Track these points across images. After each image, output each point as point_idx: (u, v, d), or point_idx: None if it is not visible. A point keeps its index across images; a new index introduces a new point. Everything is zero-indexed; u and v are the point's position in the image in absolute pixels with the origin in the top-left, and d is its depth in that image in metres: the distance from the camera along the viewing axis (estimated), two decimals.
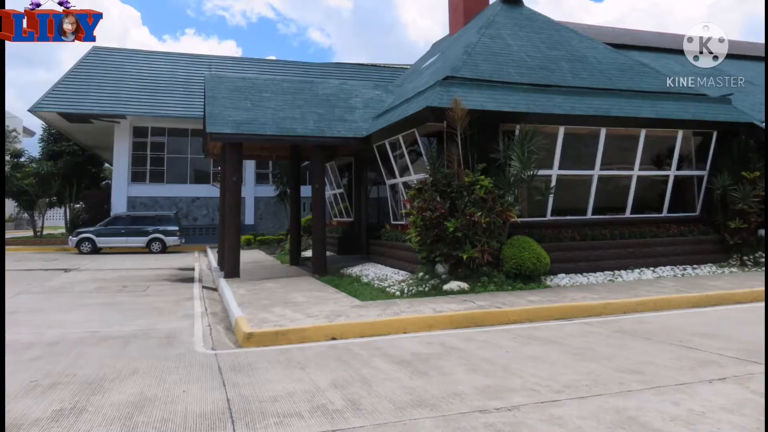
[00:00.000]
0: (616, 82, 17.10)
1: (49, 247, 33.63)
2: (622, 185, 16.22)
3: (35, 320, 10.99)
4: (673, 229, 16.34)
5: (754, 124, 16.84)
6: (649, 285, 13.22)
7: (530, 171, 13.48)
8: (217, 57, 43.39)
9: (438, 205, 12.84)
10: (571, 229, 15.22)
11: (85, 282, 17.16)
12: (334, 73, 42.04)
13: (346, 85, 21.23)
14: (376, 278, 15.13)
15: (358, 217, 22.56)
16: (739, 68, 25.01)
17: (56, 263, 23.78)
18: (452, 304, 10.95)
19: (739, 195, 15.99)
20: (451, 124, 13.10)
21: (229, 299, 12.33)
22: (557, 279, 13.92)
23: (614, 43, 22.92)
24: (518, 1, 20.93)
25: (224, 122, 16.48)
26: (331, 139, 17.16)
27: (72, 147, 39.48)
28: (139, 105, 34.84)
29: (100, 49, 39.35)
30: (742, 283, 13.21)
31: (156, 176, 36.58)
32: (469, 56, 16.31)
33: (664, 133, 16.32)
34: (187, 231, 34.83)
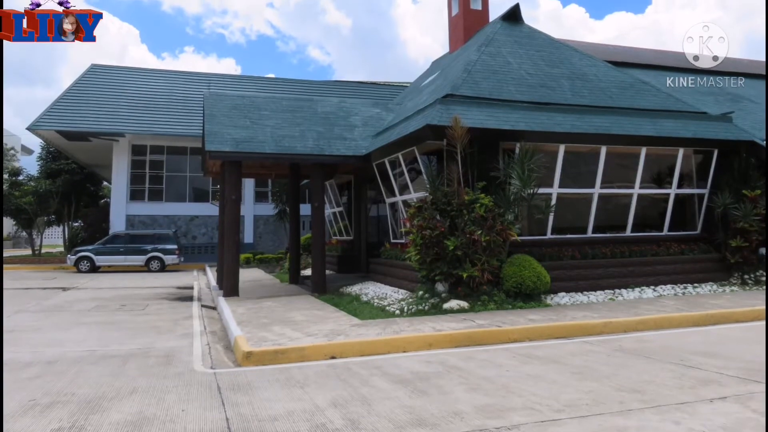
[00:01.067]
0: (617, 100, 17.13)
1: (47, 265, 33.57)
2: (622, 203, 16.21)
3: (34, 339, 10.95)
4: (674, 247, 16.31)
5: (754, 142, 16.85)
6: (650, 304, 13.18)
7: (530, 189, 13.48)
8: (216, 75, 43.54)
9: (438, 224, 12.83)
10: (572, 248, 15.20)
11: (83, 300, 17.11)
12: (333, 90, 42.17)
13: (346, 103, 21.27)
14: (376, 297, 15.09)
15: (358, 235, 22.55)
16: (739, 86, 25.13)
17: (55, 282, 23.73)
18: (452, 323, 10.91)
19: (739, 213, 15.96)
20: (451, 142, 13.11)
21: (228, 318, 12.29)
22: (557, 298, 13.88)
23: (615, 60, 22.95)
24: (518, 19, 20.96)
25: (223, 140, 16.48)
26: (331, 157, 17.16)
27: (70, 165, 39.48)
28: (137, 123, 34.90)
29: (99, 66, 39.50)
30: (742, 302, 13.17)
31: (155, 194, 36.60)
32: (469, 74, 16.35)
33: (665, 152, 16.33)
34: (186, 249, 34.80)
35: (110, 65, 40.68)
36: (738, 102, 22.28)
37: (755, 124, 19.32)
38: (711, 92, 23.40)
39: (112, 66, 40.68)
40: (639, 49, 29.92)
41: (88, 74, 38.27)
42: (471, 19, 23.54)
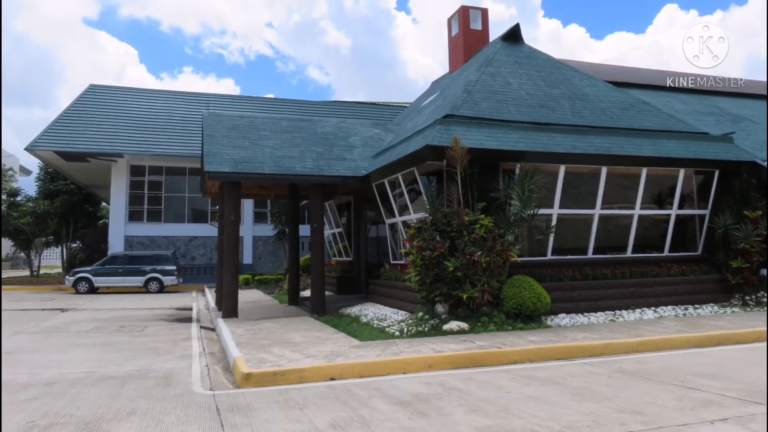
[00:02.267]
0: (617, 120, 17.16)
1: (45, 286, 33.53)
2: (623, 224, 16.20)
3: (32, 360, 10.90)
4: (675, 268, 16.27)
5: (755, 163, 16.85)
6: (651, 325, 13.14)
7: (531, 210, 13.46)
8: (215, 95, 43.63)
9: (437, 245, 12.81)
10: (572, 269, 15.16)
11: (82, 322, 17.06)
12: (332, 111, 42.27)
13: (345, 123, 21.32)
14: (376, 318, 15.04)
15: (357, 256, 22.51)
16: (740, 106, 25.16)
17: (53, 303, 23.67)
18: (452, 344, 10.87)
19: (740, 234, 15.93)
20: (451, 162, 13.12)
21: (227, 339, 12.24)
22: (558, 319, 13.83)
23: (615, 81, 22.96)
24: (518, 39, 21.02)
25: (222, 161, 16.49)
26: (330, 178, 17.17)
27: (69, 186, 39.39)
28: (136, 144, 34.92)
29: (97, 87, 39.57)
30: (743, 323, 13.13)
31: (153, 215, 36.58)
32: (469, 94, 16.39)
33: (666, 172, 16.34)
34: (185, 270, 34.73)
35: (108, 85, 40.77)
36: (739, 122, 22.29)
37: (756, 144, 19.29)
38: (712, 113, 23.42)
39: (111, 86, 40.77)
40: (639, 69, 29.95)
41: (87, 95, 38.34)
42: (471, 39, 23.63)
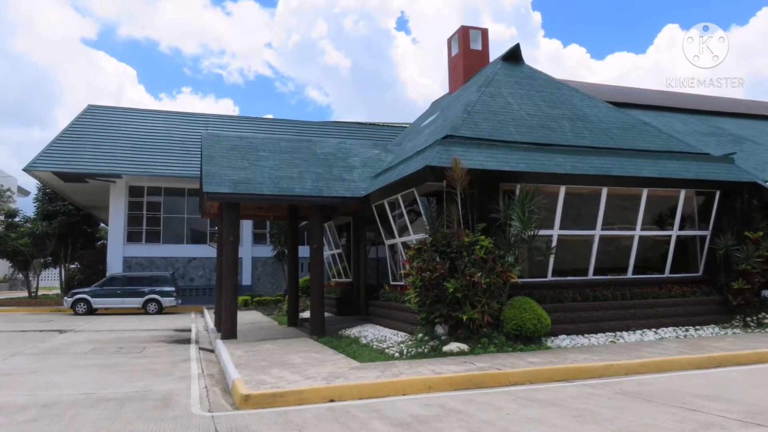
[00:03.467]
0: (618, 141, 17.18)
1: (43, 308, 33.44)
2: (623, 245, 16.16)
3: (30, 382, 10.85)
4: (676, 289, 16.21)
5: (757, 184, 16.83)
6: (651, 346, 13.09)
7: (531, 231, 13.44)
8: (214, 115, 43.72)
9: (437, 266, 12.79)
10: (572, 290, 15.12)
11: (80, 343, 17.00)
12: (332, 131, 42.36)
13: (345, 144, 21.35)
14: (375, 339, 14.99)
15: (357, 277, 22.46)
16: (741, 127, 25.19)
17: (51, 324, 23.59)
18: (452, 366, 10.83)
19: (742, 255, 15.88)
20: (451, 183, 13.12)
21: (226, 361, 12.20)
22: (558, 340, 13.78)
23: (616, 101, 22.97)
24: (518, 59, 21.08)
25: (221, 182, 16.50)
26: (330, 198, 17.18)
27: (67, 207, 39.39)
28: (134, 164, 34.92)
29: (96, 107, 39.63)
30: (745, 344, 13.08)
31: (152, 236, 36.53)
32: (468, 115, 16.42)
33: (667, 193, 16.33)
34: (184, 292, 34.66)
35: (107, 106, 40.87)
36: (740, 143, 22.31)
37: (758, 165, 19.27)
38: (713, 133, 23.45)
39: (109, 107, 40.86)
40: (640, 89, 30.03)
41: (85, 115, 38.38)
42: (471, 59, 23.67)
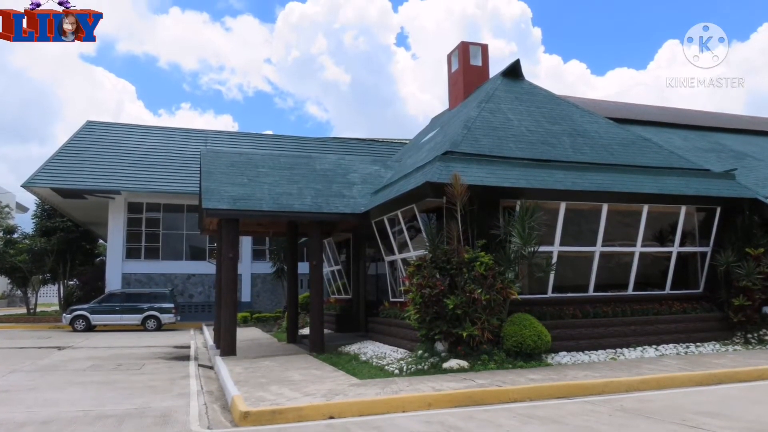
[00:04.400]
0: (618, 157, 17.18)
1: (42, 324, 33.33)
2: (624, 262, 16.14)
3: (28, 398, 10.81)
4: (676, 306, 16.15)
5: (758, 200, 16.77)
6: (652, 363, 13.05)
7: (531, 247, 13.42)
8: (213, 131, 43.63)
9: (437, 282, 12.76)
10: (573, 307, 15.08)
11: (79, 360, 16.95)
12: (331, 147, 42.29)
13: (344, 160, 21.36)
14: (375, 356, 14.94)
15: (357, 294, 22.43)
16: (742, 143, 25.16)
17: (50, 341, 23.52)
18: (452, 383, 10.80)
19: (743, 272, 15.82)
20: (451, 199, 13.12)
21: (225, 377, 12.15)
22: (558, 357, 13.74)
23: (616, 117, 22.91)
24: (518, 75, 21.08)
25: (220, 198, 16.49)
26: (329, 215, 17.17)
27: (66, 223, 39.28)
28: (133, 180, 34.86)
29: (95, 123, 39.56)
30: (746, 361, 13.06)
31: (151, 253, 36.44)
32: (468, 131, 16.42)
33: (667, 209, 16.32)
34: (183, 308, 34.55)
35: (106, 122, 40.82)
36: (741, 159, 22.28)
37: (758, 181, 19.19)
38: (713, 149, 23.43)
39: (108, 123, 40.81)
40: (641, 105, 29.96)
41: (84, 131, 38.25)
42: (471, 75, 23.61)
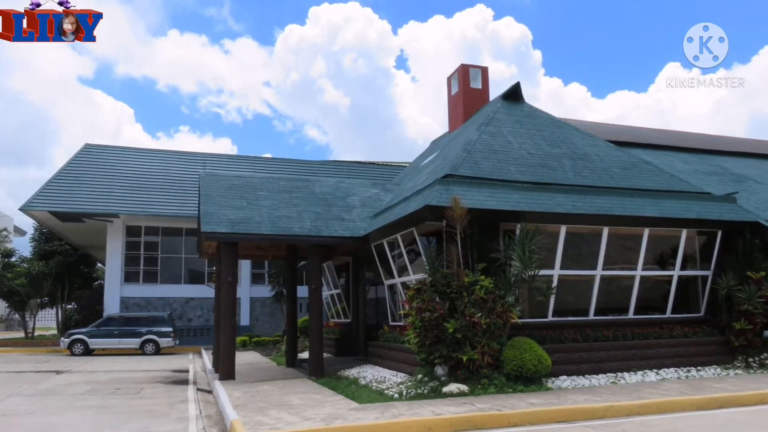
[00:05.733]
0: (619, 180, 17.19)
1: (40, 348, 33.24)
2: (624, 285, 16.09)
3: (27, 423, 10.76)
4: (677, 330, 16.08)
5: (759, 223, 16.74)
6: (653, 387, 12.99)
7: (531, 271, 13.40)
8: (211, 154, 43.68)
9: (437, 306, 12.73)
10: (573, 330, 15.02)
11: (77, 384, 16.87)
12: (331, 170, 42.35)
13: (344, 183, 21.39)
14: (374, 380, 14.88)
15: (356, 318, 22.37)
16: (743, 166, 25.15)
17: (48, 365, 23.42)
18: (452, 407, 10.75)
19: (744, 295, 15.77)
20: (451, 223, 13.11)
21: (224, 402, 12.09)
22: (559, 381, 13.67)
23: (616, 140, 22.86)
24: (519, 98, 21.09)
25: (219, 221, 16.48)
26: (328, 238, 17.16)
27: (64, 246, 39.25)
28: (132, 204, 34.79)
29: (93, 146, 39.44)
30: (747, 385, 12.99)
31: (149, 276, 36.33)
32: (468, 154, 16.44)
33: (668, 233, 16.29)
34: (182, 332, 34.42)
35: (104, 145, 40.70)
36: (742, 182, 22.23)
37: (760, 204, 19.13)
38: (715, 172, 23.40)
39: (106, 146, 40.66)
40: (641, 128, 29.90)
41: (82, 154, 38.16)
42: (471, 98, 23.60)
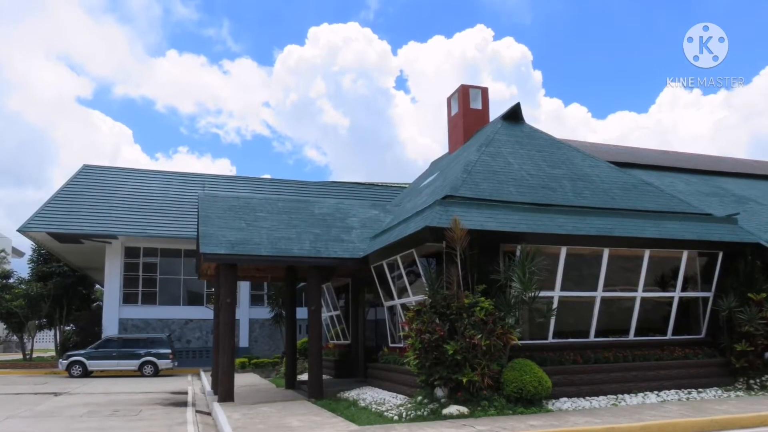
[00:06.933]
0: (620, 201, 17.19)
1: (38, 370, 33.10)
2: (625, 307, 16.04)
3: None
4: (678, 351, 16.00)
5: (760, 245, 16.70)
6: (654, 409, 12.94)
7: (532, 292, 13.37)
8: (210, 175, 43.47)
9: (437, 328, 12.70)
10: (573, 352, 14.96)
11: (75, 406, 16.80)
12: (330, 192, 42.29)
13: (343, 204, 21.41)
14: (374, 402, 14.82)
15: (356, 339, 22.31)
16: (744, 187, 25.15)
17: (46, 387, 23.34)
18: (451, 429, 10.74)
19: (745, 317, 15.70)
20: (451, 244, 13.10)
21: (223, 424, 12.06)
22: (559, 403, 13.60)
23: (617, 161, 22.85)
24: (519, 119, 21.12)
25: (218, 243, 16.47)
26: (328, 259, 17.15)
27: (62, 268, 39.22)
28: (130, 225, 34.73)
29: (91, 167, 39.25)
30: (748, 407, 12.93)
31: (148, 298, 36.25)
32: (468, 175, 16.45)
33: (669, 254, 16.27)
34: (180, 354, 34.28)
35: (102, 166, 40.52)
36: (743, 203, 22.19)
37: (761, 225, 19.07)
38: (716, 193, 23.38)
39: (105, 167, 40.51)
40: (642, 149, 29.89)
41: (80, 175, 37.99)
42: (471, 118, 23.59)
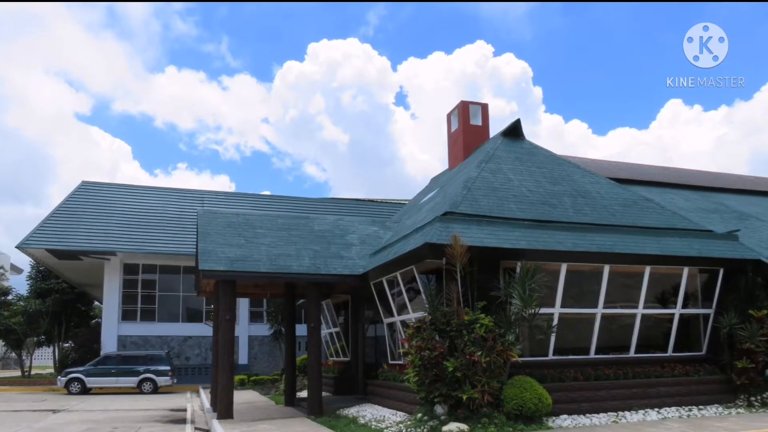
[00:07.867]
0: (620, 217, 17.17)
1: (37, 387, 33.03)
2: (625, 324, 16.00)
3: None
4: (679, 368, 15.95)
5: (761, 261, 16.66)
6: (654, 426, 12.89)
7: (532, 309, 13.34)
8: (209, 192, 43.52)
9: (437, 345, 12.66)
10: (574, 369, 14.91)
11: (74, 423, 16.74)
12: (329, 208, 42.28)
13: (342, 221, 21.40)
14: (374, 419, 14.76)
15: (355, 356, 22.22)
16: (745, 203, 25.16)
17: (44, 404, 23.26)
18: None
19: (746, 334, 15.65)
20: (451, 261, 13.08)
21: None
22: (559, 420, 13.54)
23: (617, 177, 22.84)
24: (519, 135, 21.13)
25: (217, 259, 16.45)
26: (327, 276, 17.12)
27: (61, 284, 39.15)
28: (129, 241, 34.71)
29: (90, 184, 39.26)
30: (749, 424, 12.90)
31: (147, 314, 36.18)
32: (468, 191, 16.45)
33: (669, 271, 16.24)
34: (179, 371, 34.20)
35: (101, 182, 40.60)
36: (744, 220, 22.17)
37: (762, 242, 19.05)
38: (716, 210, 23.36)
39: (103, 183, 40.55)
40: (643, 165, 29.88)
41: (79, 191, 37.98)
42: (471, 134, 23.55)
